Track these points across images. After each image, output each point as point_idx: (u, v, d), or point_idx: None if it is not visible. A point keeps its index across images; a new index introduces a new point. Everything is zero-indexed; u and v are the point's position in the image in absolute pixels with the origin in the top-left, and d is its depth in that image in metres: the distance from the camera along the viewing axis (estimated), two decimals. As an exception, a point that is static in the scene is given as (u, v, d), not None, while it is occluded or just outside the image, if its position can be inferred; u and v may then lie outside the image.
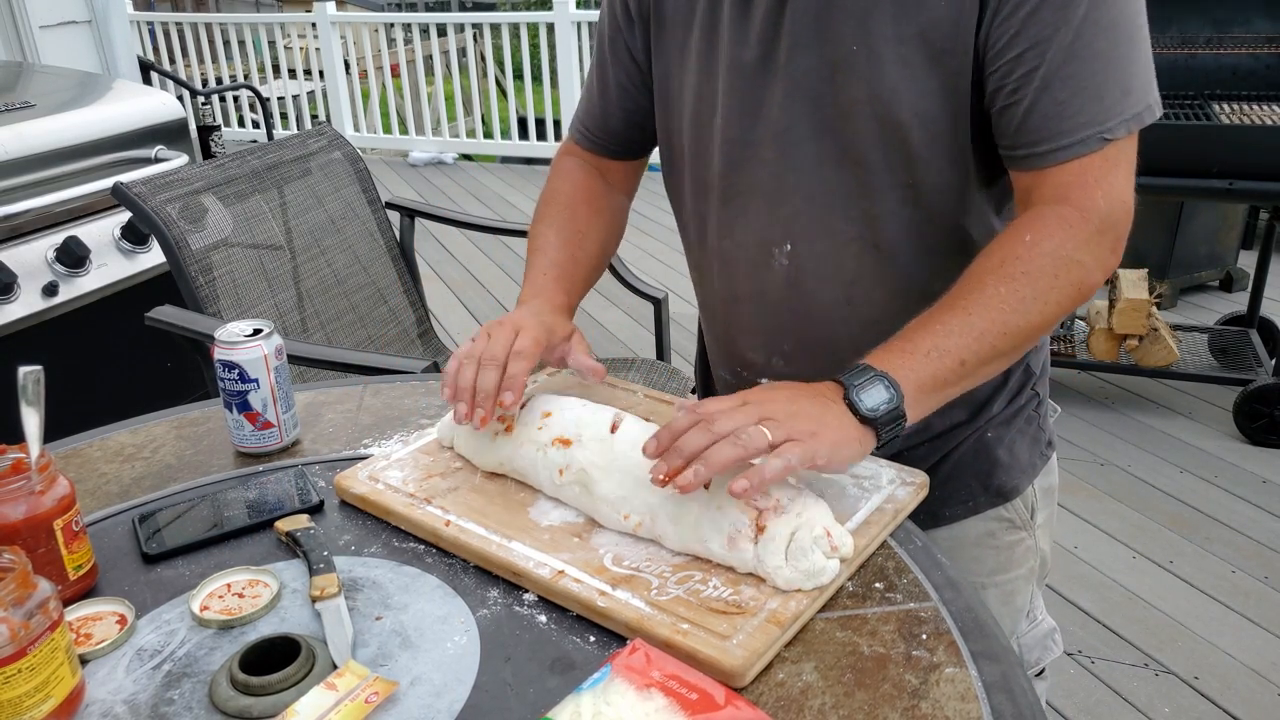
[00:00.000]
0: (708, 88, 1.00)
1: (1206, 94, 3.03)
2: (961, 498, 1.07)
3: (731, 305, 1.08)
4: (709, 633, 0.73)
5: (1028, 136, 0.86)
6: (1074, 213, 0.86)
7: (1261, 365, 3.02)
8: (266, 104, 5.74)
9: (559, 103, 6.46)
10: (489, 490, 0.95)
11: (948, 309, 0.86)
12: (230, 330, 1.06)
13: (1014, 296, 0.85)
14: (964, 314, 0.85)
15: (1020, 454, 1.08)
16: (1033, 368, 1.09)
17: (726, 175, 1.01)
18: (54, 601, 0.69)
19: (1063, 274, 0.86)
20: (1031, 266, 0.85)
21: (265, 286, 1.97)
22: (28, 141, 2.21)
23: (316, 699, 0.69)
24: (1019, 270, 0.85)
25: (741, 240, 1.03)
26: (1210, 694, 2.01)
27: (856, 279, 0.99)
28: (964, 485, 1.06)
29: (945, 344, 0.84)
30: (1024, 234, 0.87)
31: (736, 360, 1.11)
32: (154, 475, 1.05)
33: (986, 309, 0.84)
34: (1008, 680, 0.72)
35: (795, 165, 0.96)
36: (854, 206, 0.95)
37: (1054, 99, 0.84)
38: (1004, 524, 1.09)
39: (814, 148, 0.94)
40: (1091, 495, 2.72)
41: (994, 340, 0.84)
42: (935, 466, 1.04)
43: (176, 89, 5.68)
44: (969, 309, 0.85)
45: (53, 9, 3.73)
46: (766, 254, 1.01)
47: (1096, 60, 0.83)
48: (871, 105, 0.89)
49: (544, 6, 7.25)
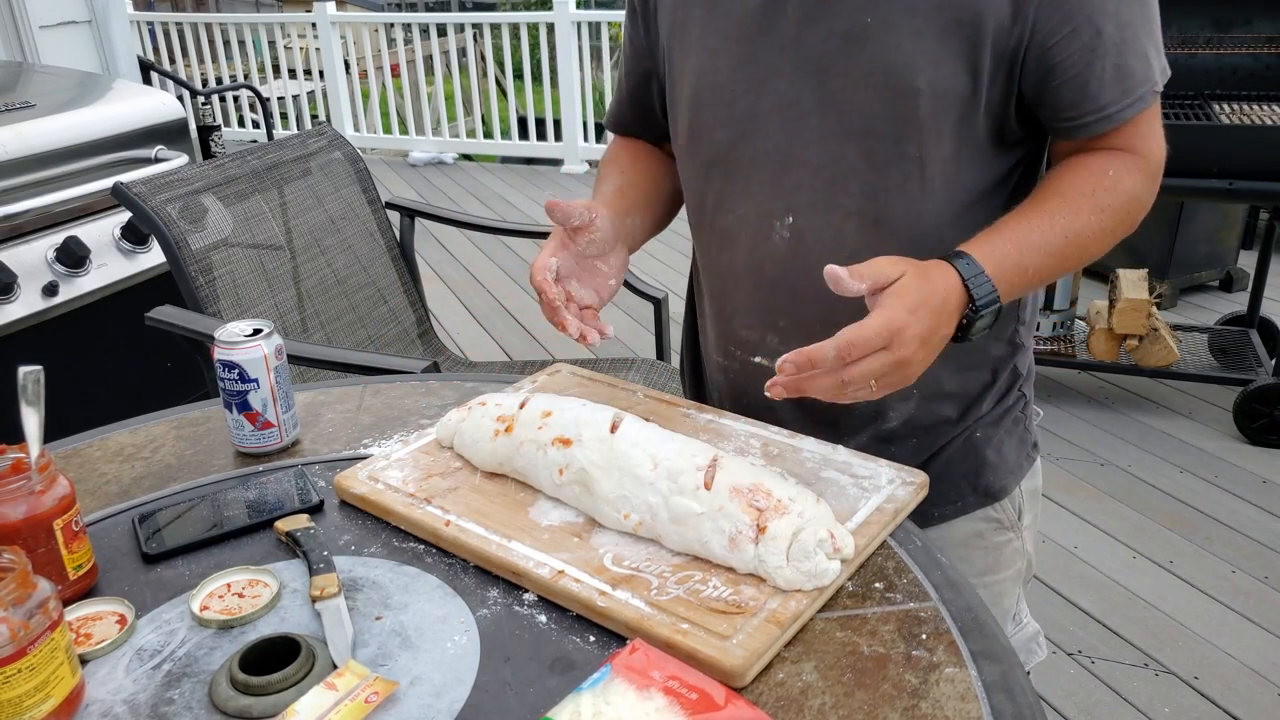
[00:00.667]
0: (710, 64, 1.00)
1: (1206, 94, 3.03)
2: (950, 498, 1.07)
3: (730, 281, 1.08)
4: (709, 633, 0.73)
5: (1094, 104, 0.92)
6: (1140, 159, 0.96)
7: (1261, 365, 3.02)
8: (266, 104, 5.74)
9: (559, 103, 6.45)
10: (489, 490, 0.95)
11: (1045, 221, 0.91)
12: (230, 330, 1.06)
13: (1098, 226, 0.92)
14: (1058, 233, 0.90)
15: (1008, 454, 1.09)
16: (1020, 369, 1.10)
17: (731, 149, 1.02)
18: (54, 601, 0.70)
19: (1133, 212, 0.95)
20: (1114, 201, 0.93)
21: (265, 286, 1.97)
22: (28, 141, 2.21)
23: (316, 699, 0.69)
24: (1105, 202, 0.92)
25: (743, 214, 1.03)
26: (1210, 694, 2.01)
27: (856, 253, 0.98)
28: (953, 485, 1.07)
29: (1032, 262, 0.89)
30: (1107, 169, 0.94)
31: (731, 340, 1.10)
32: (154, 475, 1.05)
33: (1071, 231, 0.91)
34: (1007, 680, 0.72)
35: (801, 138, 0.97)
36: (858, 179, 0.96)
37: (1114, 65, 0.91)
38: (992, 524, 1.10)
39: (820, 120, 0.95)
40: (1091, 495, 2.72)
41: (1065, 263, 0.92)
42: (924, 465, 1.05)
43: (176, 89, 5.67)
44: (1057, 227, 0.91)
45: (53, 9, 3.73)
46: (767, 227, 1.01)
47: (1136, 22, 0.91)
48: (885, 76, 0.91)
49: (544, 6, 7.25)
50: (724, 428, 1.04)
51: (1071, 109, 0.93)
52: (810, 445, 0.99)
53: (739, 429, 1.03)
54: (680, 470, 0.84)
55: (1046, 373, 3.31)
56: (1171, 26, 3.09)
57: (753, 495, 0.81)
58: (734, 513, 0.80)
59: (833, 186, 0.97)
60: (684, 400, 1.11)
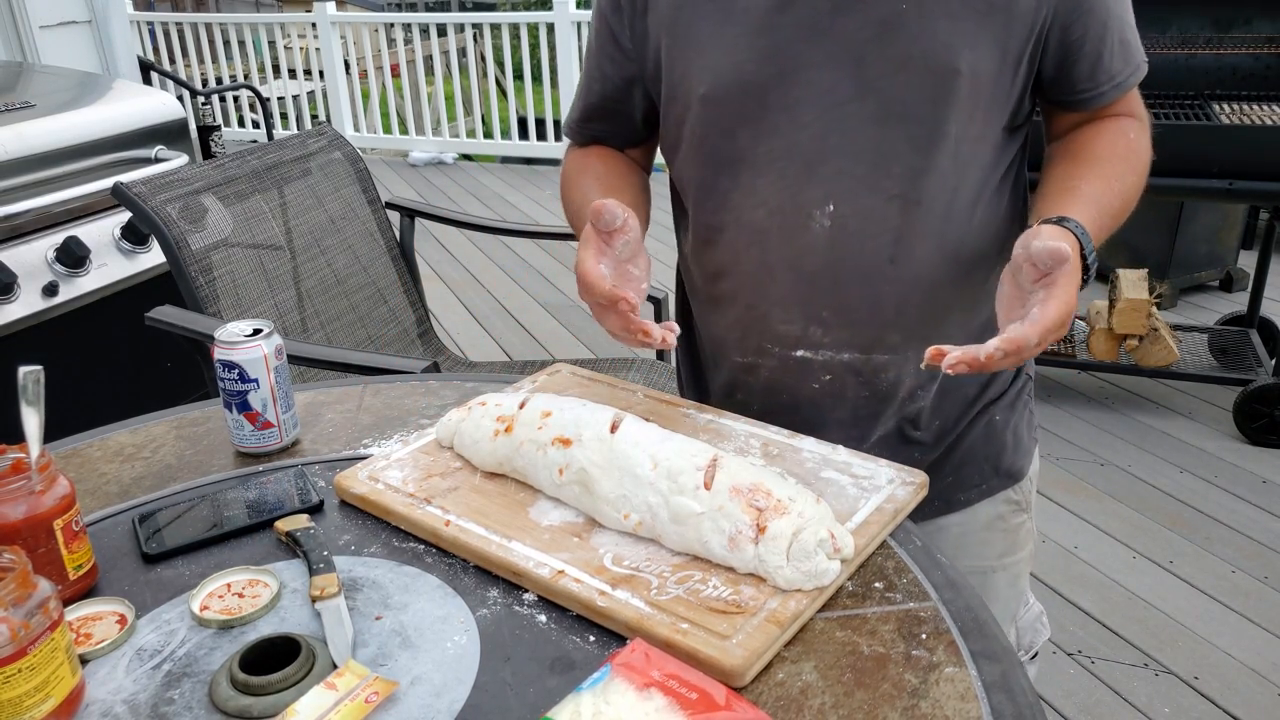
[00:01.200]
0: (728, 60, 0.99)
1: (1206, 94, 3.03)
2: (974, 481, 1.12)
3: (762, 277, 1.06)
4: (709, 632, 0.73)
5: (1108, 74, 1.01)
6: (1141, 121, 1.05)
7: (1261, 365, 3.02)
8: (266, 104, 5.74)
9: (559, 103, 6.45)
10: (489, 490, 0.95)
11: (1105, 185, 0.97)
12: (230, 330, 1.06)
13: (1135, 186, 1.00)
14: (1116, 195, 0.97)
15: (1022, 436, 1.15)
16: None
17: (759, 143, 1.01)
18: (54, 601, 0.70)
19: (1147, 168, 1.03)
20: (1141, 161, 1.02)
21: (265, 286, 1.97)
22: (28, 141, 2.21)
23: (316, 699, 0.69)
24: (1135, 163, 1.01)
25: (776, 207, 1.02)
26: (1210, 694, 2.01)
27: (899, 236, 1.00)
28: (977, 469, 1.11)
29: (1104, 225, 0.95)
30: (1128, 132, 1.03)
31: (765, 337, 1.08)
32: (154, 475, 1.05)
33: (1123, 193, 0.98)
34: (1007, 680, 0.72)
35: (840, 126, 0.98)
36: (900, 162, 0.98)
37: (1120, 39, 1.01)
38: (1011, 506, 1.14)
39: (860, 107, 0.97)
40: (1091, 495, 2.72)
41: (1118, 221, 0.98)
42: (948, 451, 1.09)
43: (176, 89, 5.68)
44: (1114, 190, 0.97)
45: (53, 9, 3.73)
46: (805, 217, 1.01)
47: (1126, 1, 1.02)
48: (925, 60, 0.94)
49: (544, 6, 7.25)
50: (724, 428, 1.04)
51: (1089, 81, 1.01)
52: (810, 445, 0.99)
53: (739, 429, 1.03)
54: (680, 470, 0.84)
55: (1046, 373, 3.31)
56: (1171, 26, 3.09)
57: (753, 495, 0.81)
58: (734, 512, 0.80)
59: (876, 171, 0.99)
60: (684, 400, 1.11)
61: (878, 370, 1.05)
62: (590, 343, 3.91)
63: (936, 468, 1.10)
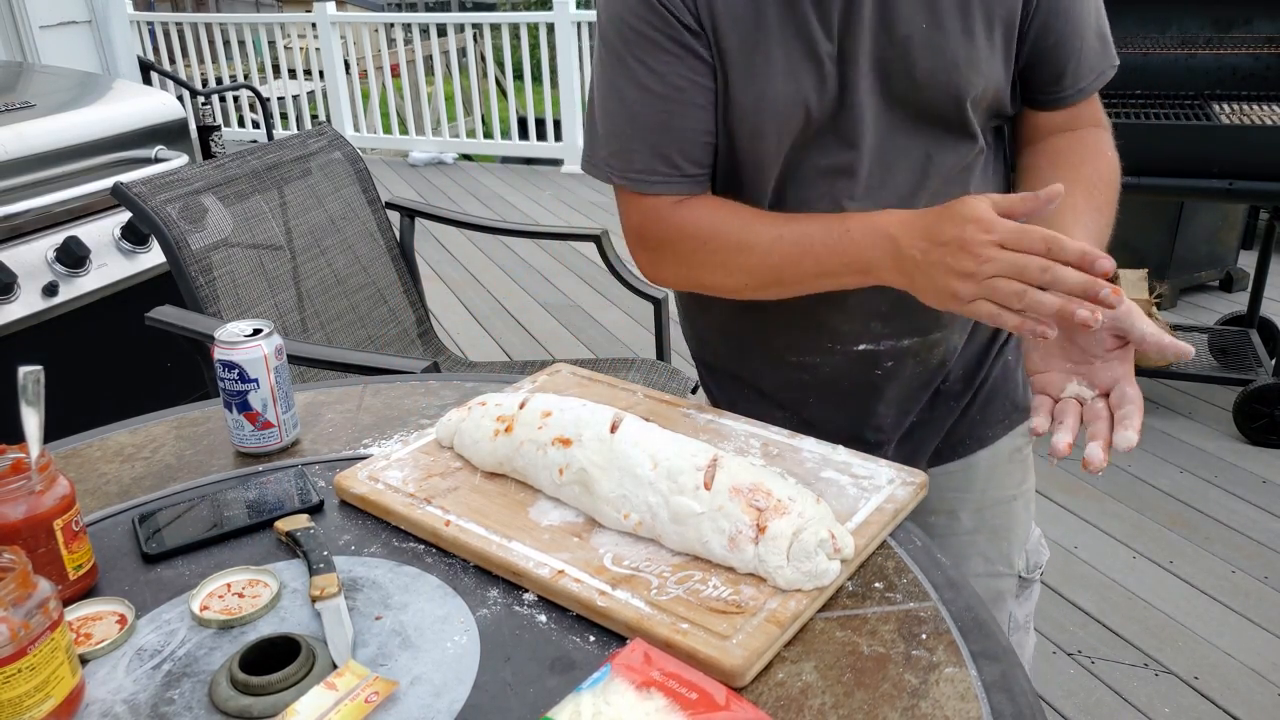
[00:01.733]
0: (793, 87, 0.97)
1: (1206, 94, 3.02)
2: (999, 417, 1.21)
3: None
4: (709, 632, 0.73)
5: (1080, 74, 1.05)
6: (1106, 132, 1.08)
7: (1261, 365, 3.02)
8: (266, 104, 5.74)
9: (559, 103, 6.45)
10: (489, 490, 0.95)
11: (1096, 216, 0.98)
12: (230, 330, 1.06)
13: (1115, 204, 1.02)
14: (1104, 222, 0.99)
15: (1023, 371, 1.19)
16: None
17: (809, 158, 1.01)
18: (54, 601, 0.70)
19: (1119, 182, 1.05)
20: (1117, 177, 1.04)
21: (265, 286, 1.97)
22: (28, 141, 2.21)
23: (316, 699, 0.69)
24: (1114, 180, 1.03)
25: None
26: (1210, 694, 2.01)
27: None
28: (1000, 405, 1.21)
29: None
30: (1105, 149, 1.06)
31: (826, 335, 1.10)
32: (154, 475, 1.05)
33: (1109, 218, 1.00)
34: (1007, 680, 0.72)
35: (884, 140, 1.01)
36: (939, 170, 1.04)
37: (1097, 37, 1.05)
38: (1025, 437, 1.24)
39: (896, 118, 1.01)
40: (1091, 495, 2.72)
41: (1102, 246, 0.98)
42: (976, 393, 1.19)
43: (176, 89, 5.68)
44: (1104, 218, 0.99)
45: (53, 9, 3.73)
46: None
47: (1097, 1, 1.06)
48: (947, 75, 0.99)
49: (544, 6, 7.25)
50: (724, 428, 1.04)
51: (1070, 76, 1.05)
52: (810, 445, 0.99)
53: (739, 429, 1.03)
54: (680, 470, 0.84)
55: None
56: (1171, 26, 3.09)
57: (753, 495, 0.81)
58: (734, 512, 0.80)
59: (923, 178, 1.04)
60: (684, 400, 1.11)
61: (933, 347, 1.12)
62: (590, 343, 3.91)
63: (967, 411, 1.20)
